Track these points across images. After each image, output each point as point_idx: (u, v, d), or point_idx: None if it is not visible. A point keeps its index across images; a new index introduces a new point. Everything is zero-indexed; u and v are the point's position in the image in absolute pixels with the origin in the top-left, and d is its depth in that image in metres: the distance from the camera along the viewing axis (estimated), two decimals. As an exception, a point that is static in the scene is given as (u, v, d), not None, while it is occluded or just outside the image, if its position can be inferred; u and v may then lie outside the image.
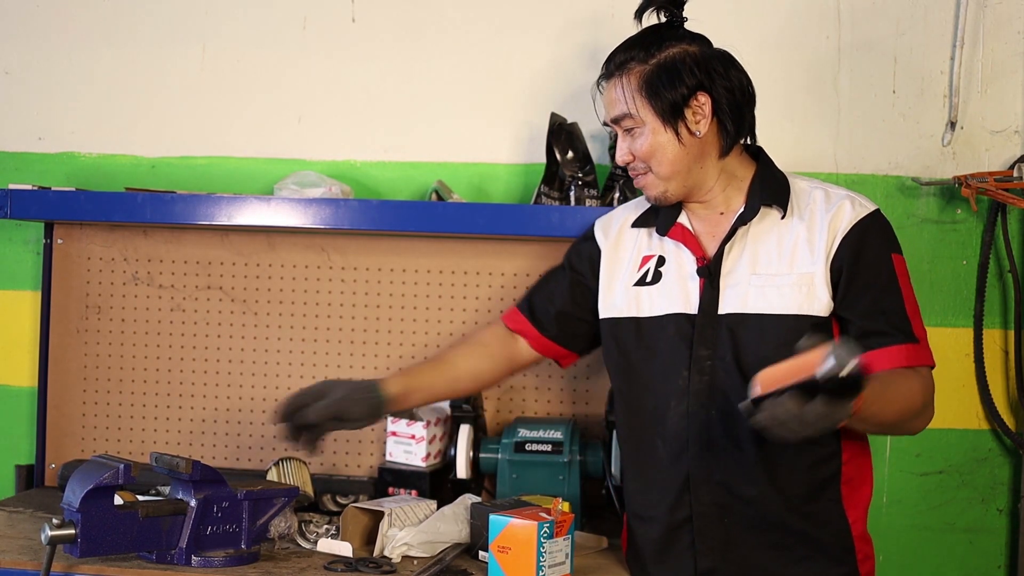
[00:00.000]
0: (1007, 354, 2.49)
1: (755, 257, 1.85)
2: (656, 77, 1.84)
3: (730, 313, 1.84)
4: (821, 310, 1.80)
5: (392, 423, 2.40)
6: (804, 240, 1.84)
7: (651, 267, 1.95)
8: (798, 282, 1.81)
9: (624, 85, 1.87)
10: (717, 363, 1.84)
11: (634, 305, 1.94)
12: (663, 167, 1.87)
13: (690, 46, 1.87)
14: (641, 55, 1.86)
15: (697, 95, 1.84)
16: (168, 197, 2.38)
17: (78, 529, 1.80)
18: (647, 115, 1.85)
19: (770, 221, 1.87)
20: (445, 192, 2.47)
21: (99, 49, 2.67)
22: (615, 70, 1.88)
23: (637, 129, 1.87)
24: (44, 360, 2.61)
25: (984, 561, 2.50)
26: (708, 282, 1.86)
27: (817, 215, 1.85)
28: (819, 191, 1.89)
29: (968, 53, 2.48)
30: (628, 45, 1.89)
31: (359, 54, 2.61)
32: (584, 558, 2.09)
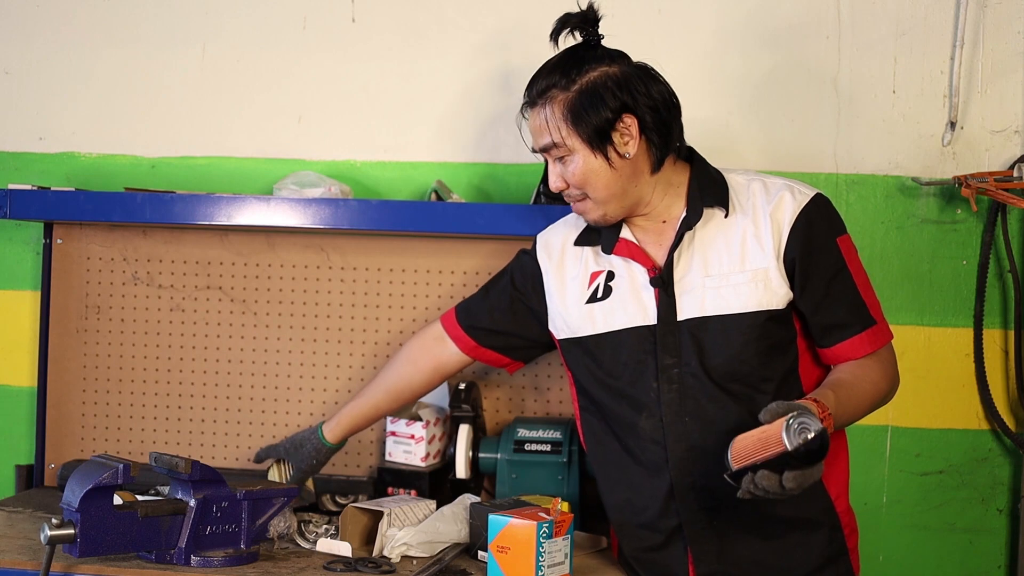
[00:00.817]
0: (1007, 354, 2.49)
1: (705, 260, 1.85)
2: (579, 104, 1.81)
3: (690, 319, 1.84)
4: (779, 303, 1.82)
5: (391, 423, 2.40)
6: (752, 235, 1.84)
7: (601, 283, 1.94)
8: (753, 278, 1.82)
9: (548, 115, 1.84)
10: (684, 370, 1.84)
11: (590, 323, 1.93)
12: (598, 192, 1.85)
13: (610, 67, 1.83)
14: (562, 81, 1.83)
15: (623, 117, 1.81)
16: (168, 197, 2.38)
17: (77, 529, 1.80)
18: (575, 143, 1.83)
19: (715, 222, 1.87)
20: (445, 192, 2.47)
21: (99, 49, 2.67)
22: (537, 98, 1.86)
23: (567, 157, 1.85)
24: (44, 360, 2.61)
25: (984, 561, 2.49)
26: (663, 291, 1.86)
27: (759, 208, 1.85)
28: (757, 183, 1.89)
29: (968, 53, 2.48)
30: (548, 71, 1.86)
31: (359, 54, 2.61)
32: (583, 558, 2.09)
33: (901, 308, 2.50)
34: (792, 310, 1.84)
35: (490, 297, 2.12)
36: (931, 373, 2.50)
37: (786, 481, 1.57)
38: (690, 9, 2.52)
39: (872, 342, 1.84)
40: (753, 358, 1.81)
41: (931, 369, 2.50)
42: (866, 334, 1.83)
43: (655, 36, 2.52)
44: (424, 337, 2.19)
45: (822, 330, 1.84)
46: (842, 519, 1.89)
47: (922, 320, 2.50)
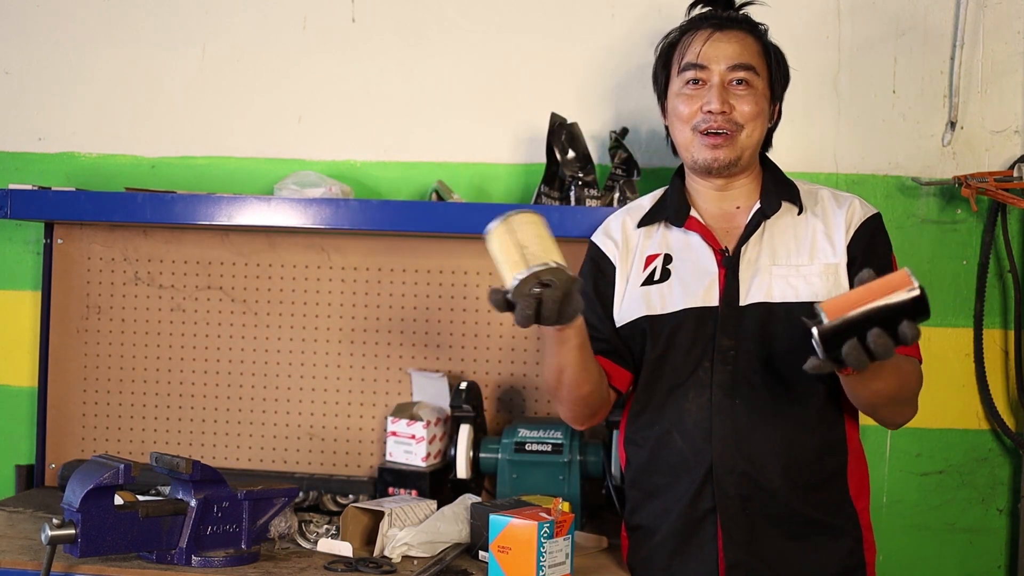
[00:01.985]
0: (1007, 354, 2.49)
1: (774, 250, 1.90)
2: (777, 53, 1.98)
3: (756, 303, 1.86)
4: None
5: (392, 423, 2.40)
6: (823, 233, 1.91)
7: (658, 265, 1.96)
8: (824, 272, 1.87)
9: (752, 42, 1.95)
10: (741, 353, 1.85)
11: (644, 304, 1.94)
12: (755, 133, 1.94)
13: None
14: (756, 29, 1.97)
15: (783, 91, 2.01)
16: (168, 197, 2.38)
17: (78, 529, 1.80)
18: (764, 81, 1.95)
19: (788, 217, 1.94)
20: (445, 192, 2.47)
21: (99, 49, 2.67)
22: (743, 25, 1.96)
23: (751, 87, 1.92)
24: (44, 360, 2.61)
25: (984, 561, 2.50)
26: (729, 272, 1.89)
27: (831, 211, 1.93)
28: (825, 191, 1.99)
29: (968, 53, 2.48)
30: (739, 14, 1.99)
31: (359, 54, 2.61)
32: (584, 558, 2.09)
33: (901, 308, 2.50)
34: None
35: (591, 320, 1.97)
36: (931, 373, 2.47)
37: (906, 329, 1.50)
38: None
39: (911, 348, 1.84)
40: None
41: (931, 369, 2.47)
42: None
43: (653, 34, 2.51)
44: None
45: None
46: (864, 534, 1.90)
47: (922, 320, 2.50)
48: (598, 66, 2.55)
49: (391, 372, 2.55)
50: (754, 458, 1.84)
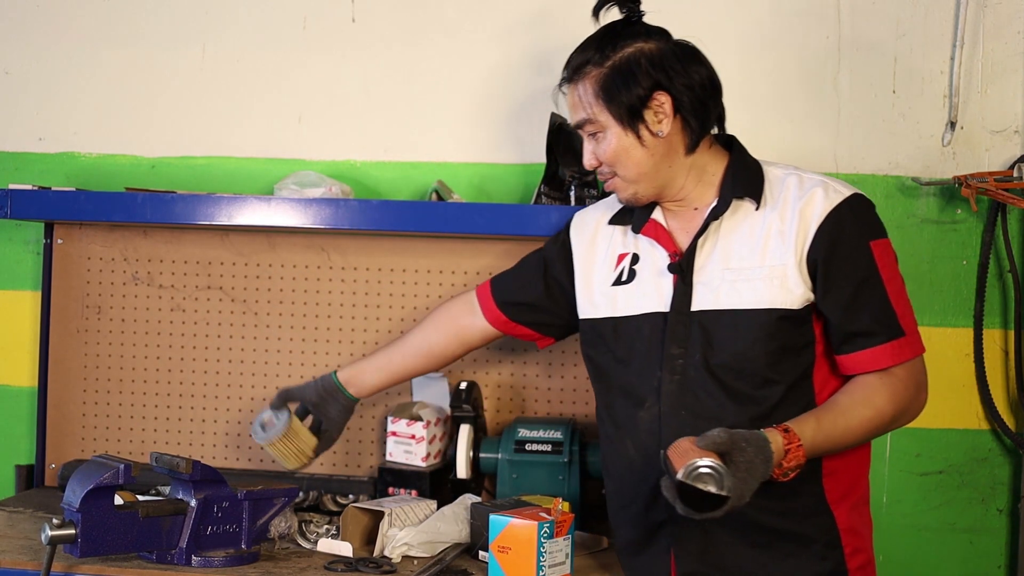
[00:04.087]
0: (1007, 354, 2.49)
1: (728, 252, 1.81)
2: (611, 80, 1.80)
3: (702, 310, 1.80)
4: (794, 303, 1.76)
5: (392, 423, 2.40)
6: (776, 231, 1.79)
7: (626, 265, 1.92)
8: (770, 275, 1.77)
9: (582, 91, 1.83)
10: (688, 362, 1.80)
11: (611, 305, 1.92)
12: (629, 170, 1.83)
13: (646, 43, 1.82)
14: (596, 57, 1.82)
15: (655, 95, 1.79)
16: (168, 197, 2.38)
17: (78, 529, 1.80)
18: (606, 119, 1.82)
19: (743, 214, 1.83)
20: (445, 192, 2.47)
21: (99, 49, 2.67)
22: (573, 74, 1.85)
23: (600, 134, 1.84)
24: (44, 360, 2.61)
25: (984, 561, 2.50)
26: (680, 279, 1.83)
27: (789, 203, 1.79)
28: (793, 177, 1.83)
29: (968, 53, 2.48)
30: (583, 47, 1.85)
31: (359, 54, 2.61)
32: (584, 558, 2.09)
33: (901, 308, 2.50)
34: (812, 313, 1.78)
35: (523, 271, 2.11)
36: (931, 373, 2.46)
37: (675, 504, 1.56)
38: (690, 8, 2.52)
39: (895, 355, 1.75)
40: (760, 358, 1.75)
41: (931, 369, 2.45)
42: (890, 345, 1.75)
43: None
44: (455, 304, 2.18)
45: (844, 337, 1.76)
46: (843, 538, 1.80)
47: (922, 320, 2.46)
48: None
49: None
50: None
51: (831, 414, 1.72)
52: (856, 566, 1.82)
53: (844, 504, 1.82)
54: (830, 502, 1.80)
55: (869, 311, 1.75)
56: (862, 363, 1.76)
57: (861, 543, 1.84)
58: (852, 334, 1.76)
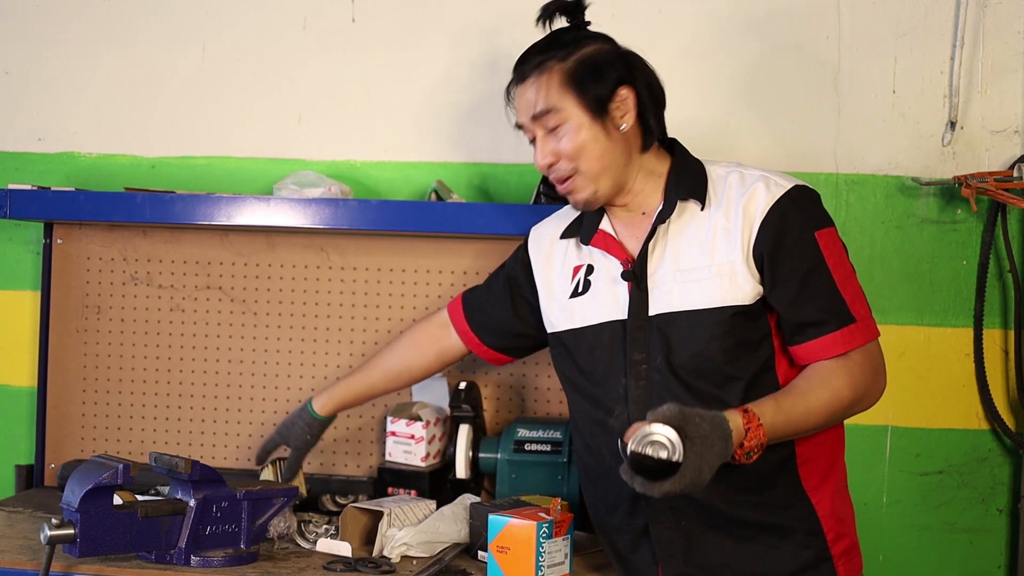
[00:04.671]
0: (1007, 354, 2.49)
1: (677, 254, 1.82)
2: (580, 71, 1.82)
3: (659, 314, 1.81)
4: (745, 298, 1.77)
5: (392, 423, 2.40)
6: (722, 229, 1.79)
7: (581, 277, 1.93)
8: (718, 273, 1.78)
9: (545, 82, 1.83)
10: (651, 366, 1.81)
11: (568, 317, 1.93)
12: (592, 163, 1.83)
13: (605, 44, 1.86)
14: (559, 54, 1.84)
15: (619, 89, 1.82)
16: (168, 197, 2.38)
17: (77, 529, 1.80)
18: (573, 110, 1.82)
19: (689, 215, 1.83)
20: (445, 192, 2.47)
21: (99, 49, 2.67)
22: (532, 70, 1.86)
23: (562, 127, 1.83)
24: (44, 360, 2.61)
25: (984, 561, 2.49)
26: (635, 285, 1.83)
27: (733, 200, 1.80)
28: (734, 174, 1.84)
29: (968, 53, 2.48)
30: (541, 48, 1.86)
31: (359, 54, 2.61)
32: (583, 558, 2.09)
33: (901, 308, 2.50)
34: (764, 307, 1.79)
35: (492, 292, 2.13)
36: (931, 373, 2.50)
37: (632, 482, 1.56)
38: (690, 8, 2.52)
39: (846, 341, 1.75)
40: (718, 355, 1.76)
41: (931, 369, 2.50)
42: (840, 333, 1.75)
43: (654, 35, 2.52)
44: (430, 324, 2.20)
45: (794, 328, 1.77)
46: (824, 524, 1.81)
47: (922, 320, 2.50)
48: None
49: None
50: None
51: (790, 396, 1.72)
52: (840, 551, 1.82)
53: (823, 491, 1.82)
54: (807, 490, 1.81)
55: (817, 301, 1.76)
56: (814, 352, 1.76)
57: (843, 528, 1.85)
58: (802, 324, 1.76)
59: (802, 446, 1.80)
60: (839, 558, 1.82)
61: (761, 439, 1.64)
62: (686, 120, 2.53)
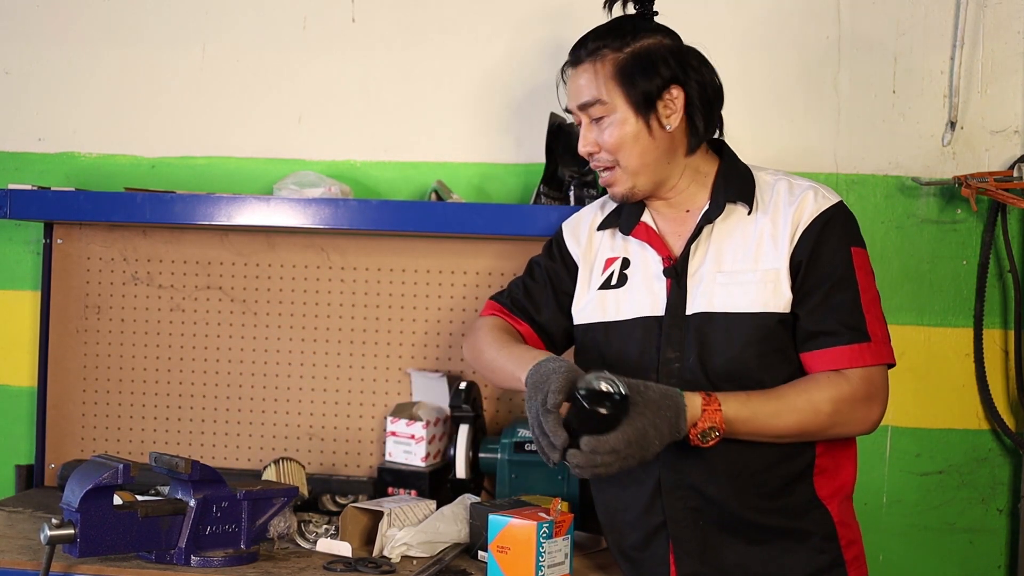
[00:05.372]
0: (1007, 354, 2.49)
1: (720, 255, 1.82)
2: (631, 65, 1.81)
3: (697, 313, 1.80)
4: (786, 307, 1.77)
5: (392, 423, 2.40)
6: (768, 235, 1.80)
7: (615, 270, 1.92)
8: (763, 279, 1.78)
9: (596, 71, 1.83)
10: (684, 365, 1.80)
11: (600, 310, 1.91)
12: (632, 159, 1.83)
13: (664, 39, 1.84)
14: (615, 43, 1.82)
15: (671, 88, 1.81)
16: (168, 197, 2.38)
17: (77, 529, 1.80)
18: (619, 103, 1.81)
19: (736, 218, 1.84)
20: (445, 192, 2.47)
21: (99, 49, 2.67)
22: (586, 56, 1.84)
23: (606, 118, 1.83)
24: (44, 360, 2.61)
25: (984, 561, 2.49)
26: (675, 282, 1.83)
27: (781, 208, 1.81)
28: (783, 182, 1.85)
29: (968, 53, 2.48)
30: (600, 33, 1.85)
31: (359, 54, 2.61)
32: (583, 558, 2.09)
33: (901, 308, 2.50)
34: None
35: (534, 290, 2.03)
36: (931, 373, 2.50)
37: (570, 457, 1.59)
38: (690, 8, 2.52)
39: (853, 357, 1.74)
40: (752, 360, 1.76)
41: (931, 369, 2.50)
42: (851, 348, 1.74)
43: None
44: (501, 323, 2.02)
45: (808, 334, 1.76)
46: (839, 530, 1.82)
47: (922, 320, 2.50)
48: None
49: (391, 372, 2.55)
50: (701, 472, 1.78)
51: (764, 395, 1.73)
52: (851, 557, 1.84)
53: (835, 500, 1.83)
54: (822, 498, 1.82)
55: (837, 313, 1.76)
56: (821, 361, 1.76)
57: (853, 535, 1.86)
58: (816, 332, 1.76)
59: (821, 458, 1.80)
60: (851, 563, 1.83)
61: (716, 423, 1.65)
62: (686, 120, 2.53)
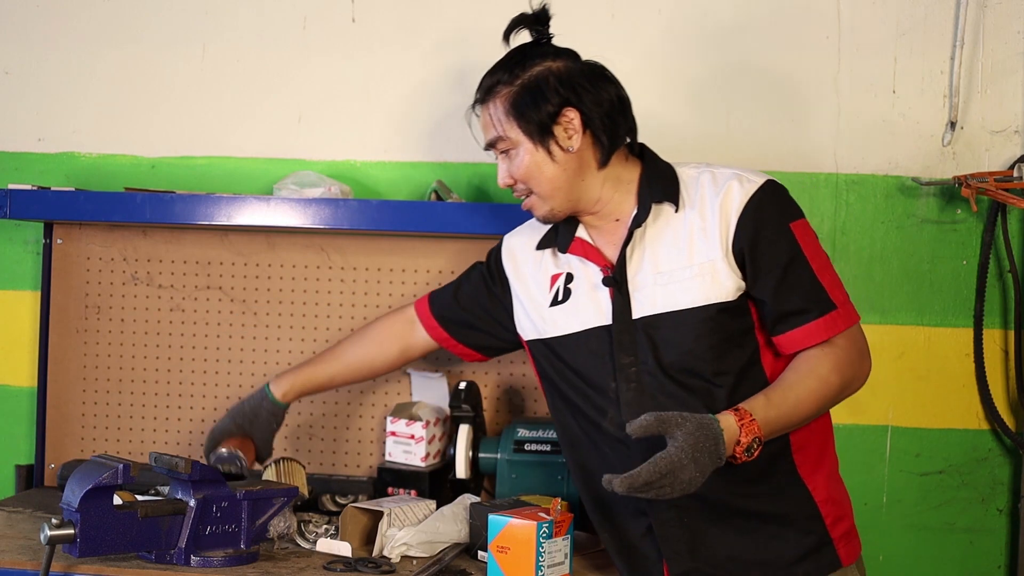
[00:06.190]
0: (1007, 354, 2.49)
1: (656, 256, 1.85)
2: (521, 98, 1.85)
3: (643, 317, 1.83)
4: (728, 295, 1.80)
5: (391, 423, 2.40)
6: (699, 229, 1.82)
7: (560, 285, 1.95)
8: (700, 272, 1.81)
9: (493, 110, 1.88)
10: (641, 368, 1.83)
11: (552, 325, 1.95)
12: (542, 186, 1.87)
13: (554, 62, 1.87)
14: (506, 77, 1.87)
15: (564, 111, 1.84)
16: (168, 197, 2.38)
17: (77, 529, 1.80)
18: (518, 136, 1.86)
19: (665, 218, 1.86)
20: (444, 192, 2.47)
21: (99, 49, 2.67)
22: (484, 95, 1.90)
23: (512, 151, 1.88)
24: (44, 360, 2.61)
25: (984, 561, 2.50)
26: (617, 290, 1.86)
27: (707, 200, 1.83)
28: (706, 174, 1.87)
29: (968, 53, 2.48)
30: (494, 69, 1.90)
31: (359, 54, 2.61)
32: (583, 558, 2.09)
33: (901, 308, 2.50)
34: (747, 301, 1.82)
35: (462, 292, 2.14)
36: (931, 373, 2.50)
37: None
38: (690, 9, 2.52)
39: (829, 327, 1.78)
40: (706, 352, 1.79)
41: (931, 369, 2.50)
42: (823, 320, 1.78)
43: (654, 35, 2.52)
44: (395, 321, 2.22)
45: (777, 318, 1.80)
46: (822, 509, 1.84)
47: (922, 320, 2.50)
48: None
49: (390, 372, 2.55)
50: None
51: (779, 389, 1.76)
52: (839, 534, 1.85)
53: (818, 476, 1.85)
54: (803, 476, 1.84)
55: (798, 290, 1.79)
56: (798, 340, 1.80)
57: (841, 511, 1.88)
58: (785, 314, 1.80)
59: (795, 434, 1.83)
60: (839, 541, 1.85)
61: (756, 433, 1.66)
62: (685, 120, 2.54)
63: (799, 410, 1.75)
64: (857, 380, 1.82)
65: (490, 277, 2.10)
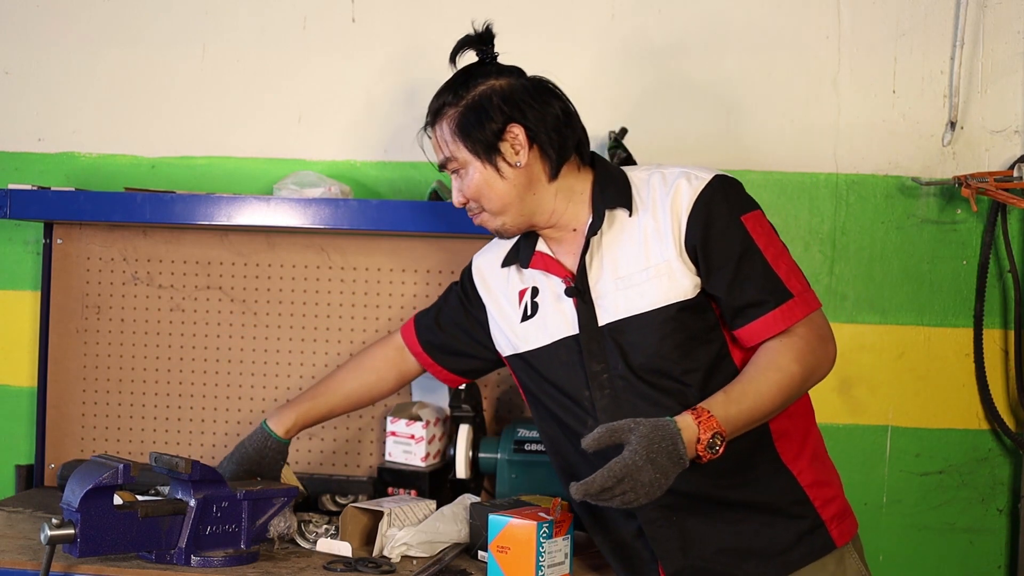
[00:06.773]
0: (1007, 354, 2.49)
1: (615, 263, 1.86)
2: (466, 118, 1.87)
3: (609, 323, 1.85)
4: (686, 293, 1.80)
5: (391, 423, 2.40)
6: (653, 231, 1.83)
7: (528, 300, 1.97)
8: (656, 273, 1.82)
9: (440, 132, 1.90)
10: (612, 374, 1.84)
11: (524, 341, 1.96)
12: (492, 203, 1.88)
13: (498, 80, 1.88)
14: (451, 99, 1.89)
15: (509, 128, 1.85)
16: (168, 197, 2.38)
17: (77, 529, 1.80)
18: (466, 156, 1.87)
19: (619, 223, 1.87)
20: (444, 192, 2.46)
21: (99, 49, 2.67)
22: (432, 118, 1.92)
23: (462, 171, 1.89)
24: (44, 360, 2.61)
25: (984, 561, 2.50)
26: (580, 299, 1.87)
27: (659, 201, 1.84)
28: (656, 176, 1.88)
29: (968, 53, 2.48)
30: (441, 92, 1.92)
31: (359, 54, 2.61)
32: (583, 558, 2.09)
33: (901, 308, 2.50)
34: (707, 298, 1.83)
35: (443, 315, 2.15)
36: (931, 373, 2.50)
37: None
38: (689, 9, 2.52)
39: (787, 317, 1.78)
40: (672, 352, 1.80)
41: (931, 369, 2.50)
42: (780, 310, 1.78)
43: (653, 35, 2.52)
44: (387, 349, 2.20)
45: (735, 312, 1.80)
46: (810, 493, 1.84)
47: (922, 320, 2.50)
48: (597, 67, 2.55)
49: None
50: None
51: (739, 384, 1.75)
52: (831, 516, 1.85)
53: (801, 460, 1.85)
54: (787, 462, 1.84)
55: (752, 282, 1.79)
56: (757, 332, 1.80)
57: (830, 493, 1.87)
58: (741, 307, 1.80)
59: (775, 422, 1.83)
60: (831, 522, 1.85)
61: (716, 428, 1.66)
62: (687, 120, 2.54)
63: (762, 403, 1.74)
64: (821, 367, 1.81)
65: (465, 297, 2.11)
